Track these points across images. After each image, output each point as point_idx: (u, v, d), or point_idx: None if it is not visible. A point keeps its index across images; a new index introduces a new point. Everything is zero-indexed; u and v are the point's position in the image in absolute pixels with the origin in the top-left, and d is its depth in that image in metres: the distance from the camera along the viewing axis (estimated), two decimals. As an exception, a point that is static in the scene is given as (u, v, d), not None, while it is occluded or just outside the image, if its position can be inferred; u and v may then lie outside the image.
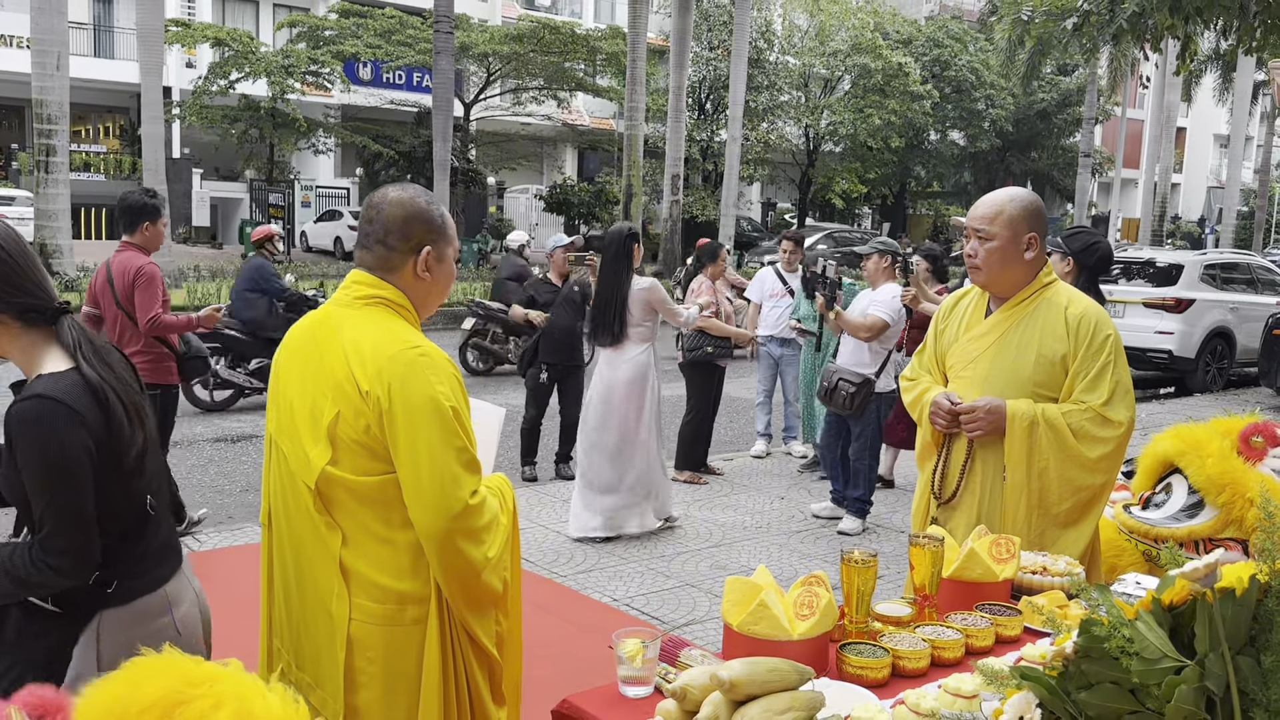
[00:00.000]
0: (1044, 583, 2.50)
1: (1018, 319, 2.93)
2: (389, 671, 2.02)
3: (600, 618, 4.63)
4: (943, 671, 2.03)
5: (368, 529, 2.01)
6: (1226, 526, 3.27)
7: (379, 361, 1.97)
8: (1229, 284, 12.96)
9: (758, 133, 31.58)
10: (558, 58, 27.76)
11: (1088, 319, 2.86)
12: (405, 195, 2.13)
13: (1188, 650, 1.29)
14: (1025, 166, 38.13)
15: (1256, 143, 43.06)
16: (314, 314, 2.19)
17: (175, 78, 28.39)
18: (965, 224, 2.96)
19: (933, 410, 2.98)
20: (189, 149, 29.73)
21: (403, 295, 2.12)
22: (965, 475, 2.95)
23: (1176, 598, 1.33)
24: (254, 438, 8.37)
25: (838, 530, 6.21)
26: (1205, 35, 13.88)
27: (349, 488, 2.00)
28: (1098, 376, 2.82)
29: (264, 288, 9.19)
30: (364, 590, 2.01)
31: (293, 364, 2.14)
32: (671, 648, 2.17)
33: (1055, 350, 2.86)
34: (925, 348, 3.22)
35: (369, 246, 2.12)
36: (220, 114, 26.21)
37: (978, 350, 2.98)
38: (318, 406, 2.03)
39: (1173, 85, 29.52)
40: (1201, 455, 3.37)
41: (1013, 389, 2.88)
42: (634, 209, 22.89)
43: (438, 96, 18.39)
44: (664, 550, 5.76)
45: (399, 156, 29.18)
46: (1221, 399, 11.68)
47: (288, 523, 2.11)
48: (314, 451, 2.01)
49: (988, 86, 34.25)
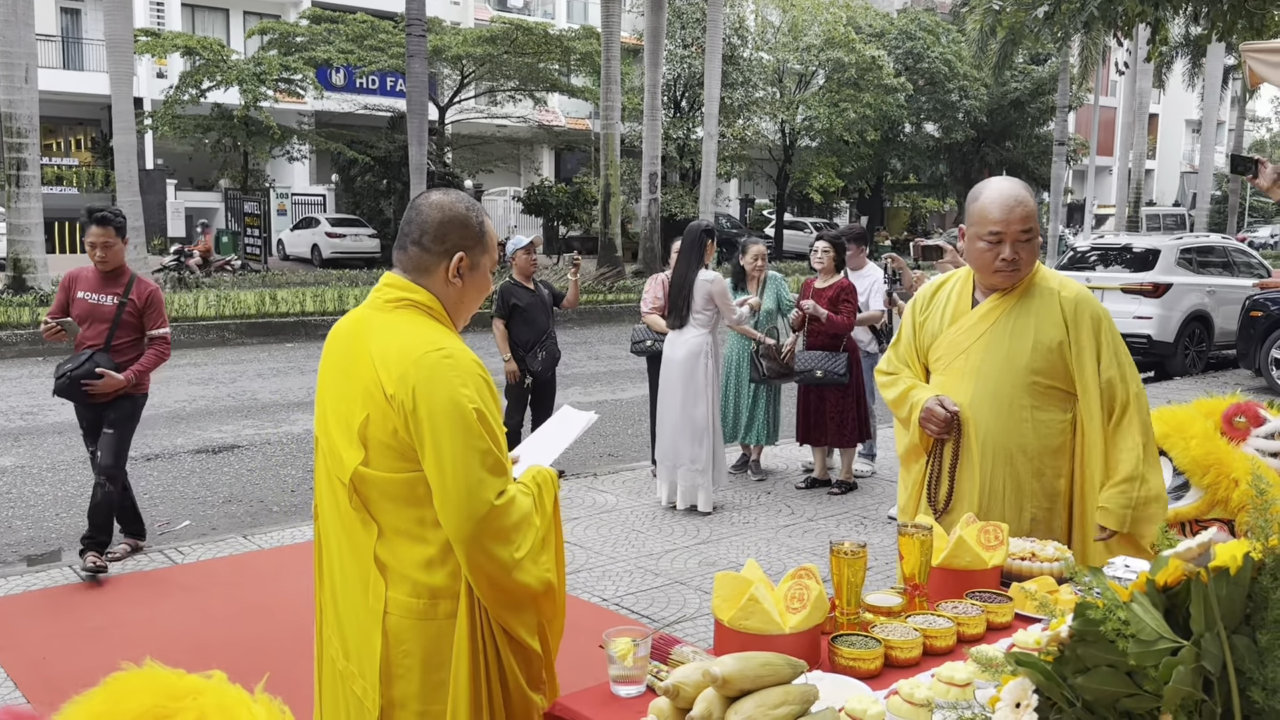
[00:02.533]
0: (1034, 568, 2.49)
1: (1009, 306, 2.85)
2: (426, 665, 2.04)
3: (590, 618, 4.61)
4: (935, 661, 2.02)
5: (400, 525, 2.04)
6: (1213, 507, 3.29)
7: (403, 365, 1.98)
8: (1205, 268, 13.05)
9: (734, 129, 31.61)
10: (532, 59, 27.70)
11: (1084, 302, 2.82)
12: (447, 199, 2.14)
13: (1183, 631, 1.28)
14: (1000, 156, 38.29)
15: (1228, 127, 43.42)
16: (351, 316, 2.20)
17: (146, 88, 28.18)
18: (998, 231, 2.77)
19: (924, 416, 2.89)
20: (162, 160, 29.52)
21: (435, 299, 2.12)
22: (955, 481, 2.88)
23: (1170, 579, 1.32)
24: (236, 448, 8.30)
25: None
26: (1176, 21, 13.98)
27: (380, 486, 2.03)
28: (1114, 357, 2.78)
29: None
30: (399, 584, 2.04)
31: (330, 365, 2.17)
32: (662, 645, 2.16)
33: (1053, 336, 2.79)
34: (901, 339, 3.11)
35: (405, 247, 2.14)
36: (193, 123, 26.03)
37: (968, 341, 2.89)
38: (349, 408, 2.06)
39: (1144, 72, 29.71)
40: (1185, 437, 3.39)
41: (1008, 379, 2.81)
42: (612, 209, 22.87)
43: (412, 100, 18.31)
44: (652, 548, 5.74)
45: (374, 162, 29.01)
46: (1201, 381, 11.76)
47: (331, 518, 2.15)
48: (347, 452, 2.05)
49: (961, 78, 34.39)
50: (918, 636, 2.08)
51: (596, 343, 15.00)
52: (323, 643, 2.22)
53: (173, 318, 14.77)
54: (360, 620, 2.08)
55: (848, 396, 6.80)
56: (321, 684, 2.23)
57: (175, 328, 14.54)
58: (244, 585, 5.09)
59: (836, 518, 6.39)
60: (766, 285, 7.28)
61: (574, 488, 6.96)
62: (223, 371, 12.27)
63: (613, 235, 23.04)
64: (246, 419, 9.47)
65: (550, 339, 7.05)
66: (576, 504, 6.57)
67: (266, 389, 11.04)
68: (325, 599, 2.21)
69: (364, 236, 27.78)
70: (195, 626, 4.58)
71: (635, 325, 7.44)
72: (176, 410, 9.80)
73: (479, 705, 2.03)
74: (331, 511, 2.15)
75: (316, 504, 2.25)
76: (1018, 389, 2.80)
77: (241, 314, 15.50)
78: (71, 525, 6.25)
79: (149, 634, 4.44)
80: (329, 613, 2.19)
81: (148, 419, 9.28)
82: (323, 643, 2.22)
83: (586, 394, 10.98)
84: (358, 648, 2.09)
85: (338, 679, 2.15)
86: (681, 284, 6.48)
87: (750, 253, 7.22)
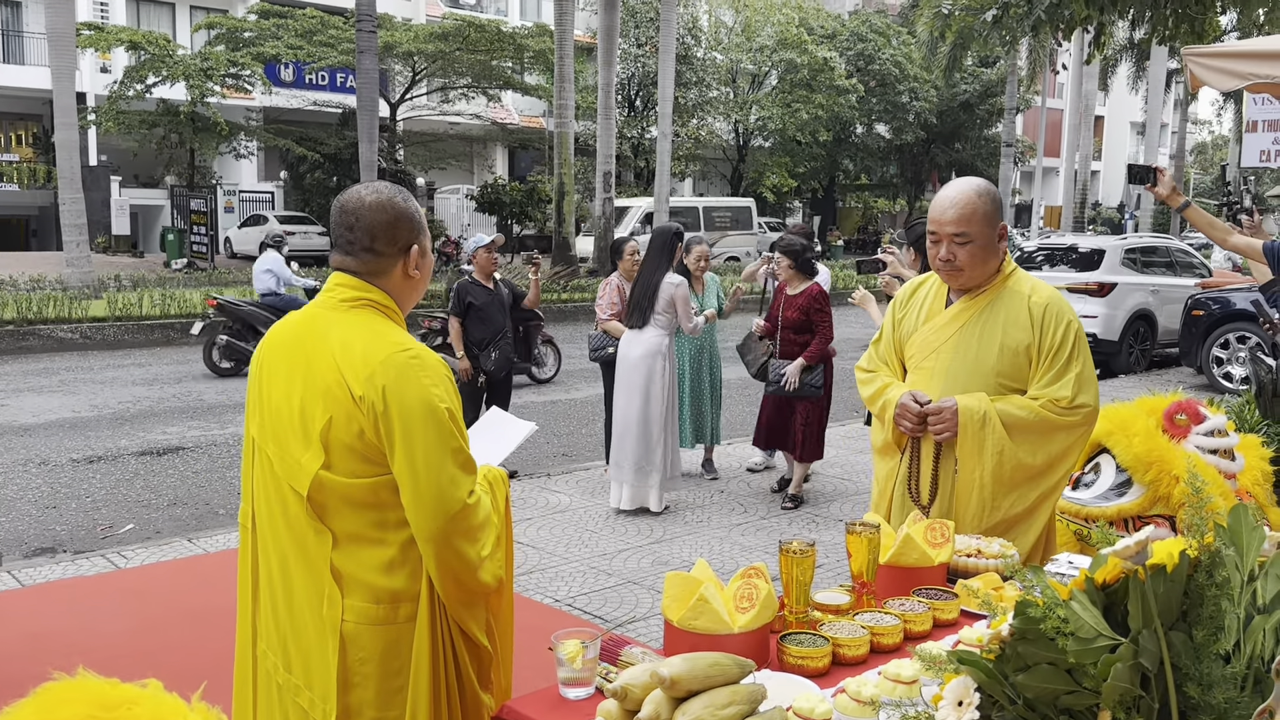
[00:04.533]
0: (979, 565, 2.52)
1: (979, 308, 2.85)
2: (384, 670, 2.02)
3: (541, 619, 4.59)
4: (882, 658, 2.03)
5: (358, 530, 2.01)
6: (1154, 504, 3.34)
7: (370, 366, 1.96)
8: (1149, 267, 13.31)
9: (688, 129, 31.71)
10: (484, 56, 27.57)
11: (1052, 307, 2.79)
12: (383, 198, 2.10)
13: (1121, 628, 1.30)
14: (950, 157, 38.79)
15: (1171, 129, 44.29)
16: (297, 315, 2.15)
17: (90, 83, 27.65)
18: (934, 231, 2.78)
19: (899, 413, 2.88)
20: (106, 156, 28.96)
21: (388, 296, 2.11)
22: (938, 476, 2.87)
23: (1109, 576, 1.33)
24: (181, 450, 8.17)
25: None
26: (1120, 25, 14.23)
27: (341, 492, 1.99)
28: (1063, 368, 2.75)
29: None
30: (356, 592, 2.01)
31: (277, 366, 2.10)
32: (612, 647, 2.15)
33: (1019, 340, 2.78)
34: (881, 338, 3.12)
35: (353, 254, 2.09)
36: (138, 119, 25.58)
37: (938, 341, 2.90)
38: (307, 411, 2.00)
39: (1090, 74, 30.22)
40: (1128, 434, 3.43)
41: (976, 380, 2.81)
42: (566, 207, 22.82)
43: (362, 97, 18.13)
44: (605, 548, 5.73)
45: (324, 159, 28.73)
46: (1145, 379, 11.98)
47: (272, 527, 2.08)
48: (305, 456, 1.99)
49: (911, 80, 34.80)
50: (865, 634, 2.09)
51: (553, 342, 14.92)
52: (256, 658, 2.16)
53: (116, 316, 14.51)
54: (311, 632, 2.03)
55: (815, 410, 6.61)
56: (257, 700, 2.16)
57: (118, 326, 14.29)
58: (187, 590, 5.00)
59: (789, 516, 6.42)
60: (707, 288, 7.28)
61: (527, 488, 6.93)
62: (167, 372, 12.06)
63: (567, 234, 23.00)
64: (192, 420, 9.31)
65: (505, 339, 7.01)
66: (530, 504, 6.55)
67: (212, 390, 10.86)
68: (262, 613, 2.14)
69: (313, 234, 27.48)
70: (135, 633, 4.49)
71: (591, 332, 7.37)
72: (120, 411, 9.62)
73: (439, 706, 2.03)
74: (276, 522, 2.07)
75: (249, 515, 2.16)
76: (985, 390, 2.80)
77: (187, 313, 15.22)
78: (11, 531, 6.11)
79: (86, 642, 4.34)
80: (267, 627, 2.13)
81: (90, 420, 9.16)
82: (256, 658, 2.16)
83: (540, 393, 10.94)
84: (305, 660, 2.05)
85: (276, 692, 2.10)
86: (647, 284, 6.43)
87: (694, 253, 7.16)
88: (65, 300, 15.09)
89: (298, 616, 2.06)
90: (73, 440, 8.43)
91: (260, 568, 2.14)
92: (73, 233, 16.93)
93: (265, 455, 2.09)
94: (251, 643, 2.17)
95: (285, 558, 2.06)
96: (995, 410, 2.74)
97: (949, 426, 2.78)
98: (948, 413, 2.77)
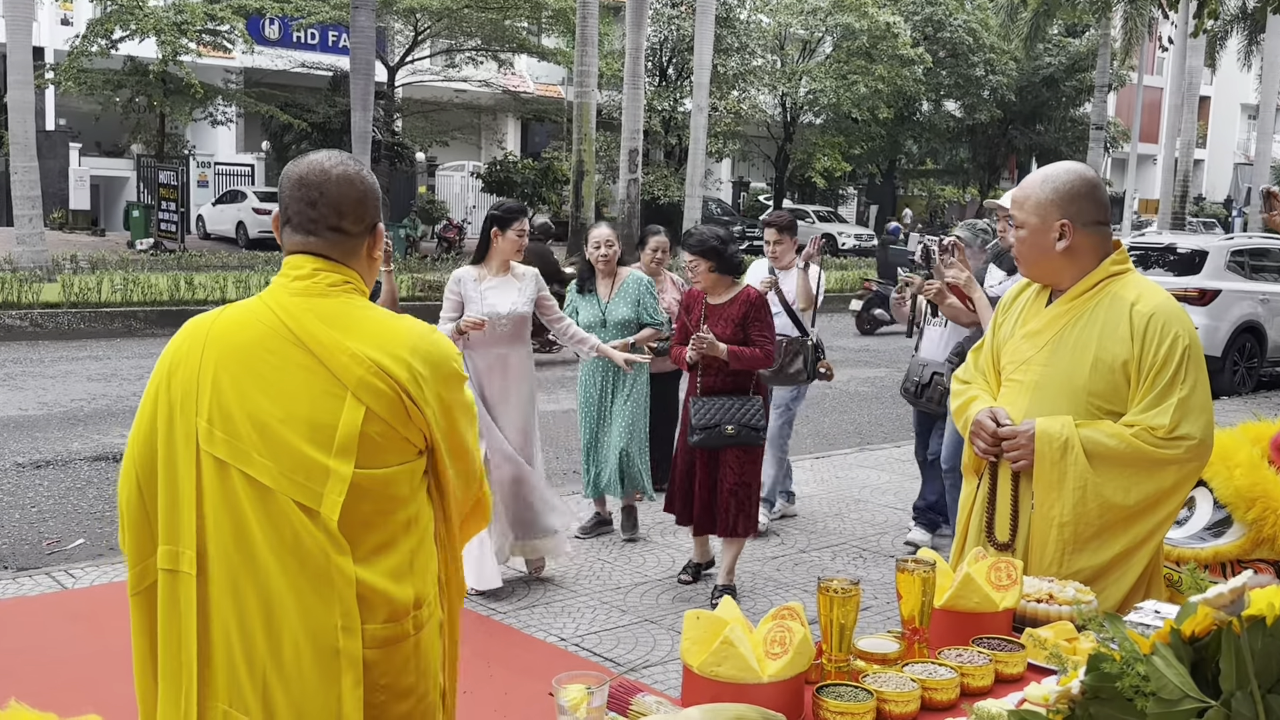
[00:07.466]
0: (1050, 612, 2.50)
1: (1076, 314, 2.79)
2: (395, 692, 2.10)
3: (543, 660, 4.58)
4: (935, 716, 2.03)
5: (373, 539, 2.06)
6: (1257, 546, 3.31)
7: (409, 344, 2.10)
8: (1259, 273, 13.19)
9: (727, 102, 31.68)
10: (497, 15, 27.65)
11: (1158, 318, 2.70)
12: (350, 170, 2.15)
13: (1211, 688, 1.28)
14: (1029, 141, 38.61)
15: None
16: (243, 312, 2.12)
17: (48, 37, 27.93)
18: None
19: (974, 430, 2.86)
20: (65, 120, 29.29)
21: (360, 279, 2.20)
22: (1017, 512, 2.81)
23: (1199, 628, 1.32)
24: (140, 455, 8.23)
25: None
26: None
27: (367, 492, 2.03)
28: (1165, 390, 2.66)
29: None
30: (374, 614, 2.05)
31: (243, 375, 2.05)
32: (622, 694, 2.14)
33: (1116, 355, 2.71)
34: (984, 344, 3.10)
35: (317, 233, 2.13)
36: (102, 79, 25.79)
37: (1031, 350, 2.85)
38: (318, 414, 2.02)
39: (1194, 49, 29.98)
40: (1228, 465, 3.40)
41: (1063, 399, 2.74)
42: (586, 189, 22.86)
43: (356, 58, 18.27)
44: (620, 581, 5.74)
45: (312, 128, 28.89)
46: (1250, 402, 11.88)
47: (248, 559, 2.02)
48: (333, 462, 2.01)
49: (987, 50, 34.63)
50: (915, 688, 2.08)
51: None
52: (203, 712, 2.06)
53: (71, 302, 14.67)
54: (308, 669, 2.00)
55: (751, 460, 5.42)
56: None
57: (74, 313, 14.44)
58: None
59: (832, 549, 6.41)
60: (623, 286, 6.42)
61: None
62: (128, 366, 12.17)
63: (585, 219, 23.05)
64: (154, 422, 9.39)
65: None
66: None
67: (179, 388, 10.94)
68: (217, 673, 2.06)
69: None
70: (81, 661, 4.52)
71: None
72: (73, 410, 9.72)
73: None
74: (259, 556, 2.01)
75: (185, 559, 2.08)
76: (1076, 412, 2.74)
77: (152, 300, 15.39)
78: (-56, 541, 6.19)
79: (24, 670, 4.38)
80: (238, 678, 2.03)
81: (38, 420, 9.26)
82: (203, 712, 2.06)
83: (553, 400, 10.96)
84: (300, 703, 2.00)
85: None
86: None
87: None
88: (14, 283, 15.26)
89: (288, 657, 2.01)
90: (17, 442, 8.52)
91: (227, 613, 2.05)
92: (25, 205, 17.15)
93: (243, 477, 2.02)
94: (198, 700, 2.06)
95: (269, 595, 2.01)
96: (1080, 436, 2.68)
97: (1025, 453, 2.74)
98: (1023, 437, 2.73)
